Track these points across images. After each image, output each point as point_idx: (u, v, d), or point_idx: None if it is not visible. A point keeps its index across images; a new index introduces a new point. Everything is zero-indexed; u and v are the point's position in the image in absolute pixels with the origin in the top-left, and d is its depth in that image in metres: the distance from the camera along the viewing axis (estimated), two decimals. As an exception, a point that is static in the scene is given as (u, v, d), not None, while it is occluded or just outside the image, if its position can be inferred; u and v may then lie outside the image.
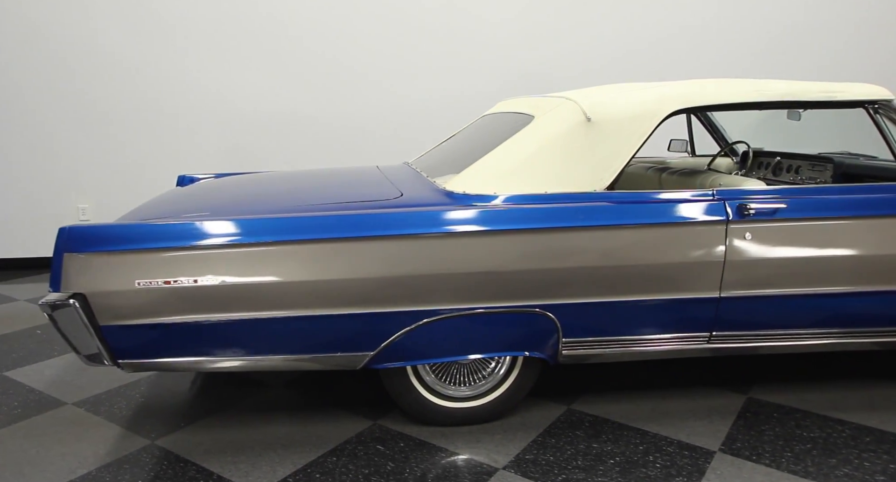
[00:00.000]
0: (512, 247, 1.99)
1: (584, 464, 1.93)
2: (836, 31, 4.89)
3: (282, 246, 1.85)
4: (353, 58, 4.75)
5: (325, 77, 4.76)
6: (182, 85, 4.67)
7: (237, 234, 1.82)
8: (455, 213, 1.98)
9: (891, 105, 2.28)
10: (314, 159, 4.90)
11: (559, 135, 2.16)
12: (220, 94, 4.70)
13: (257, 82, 4.70)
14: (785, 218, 2.09)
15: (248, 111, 4.76)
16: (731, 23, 4.91)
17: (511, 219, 2.00)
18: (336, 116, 4.85)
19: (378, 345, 1.99)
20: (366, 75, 4.78)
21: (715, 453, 1.99)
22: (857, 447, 2.01)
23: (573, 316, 2.09)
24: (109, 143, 4.67)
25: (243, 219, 1.87)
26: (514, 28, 4.80)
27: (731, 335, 2.19)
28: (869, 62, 4.92)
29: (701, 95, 2.21)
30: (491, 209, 2.01)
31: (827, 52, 4.90)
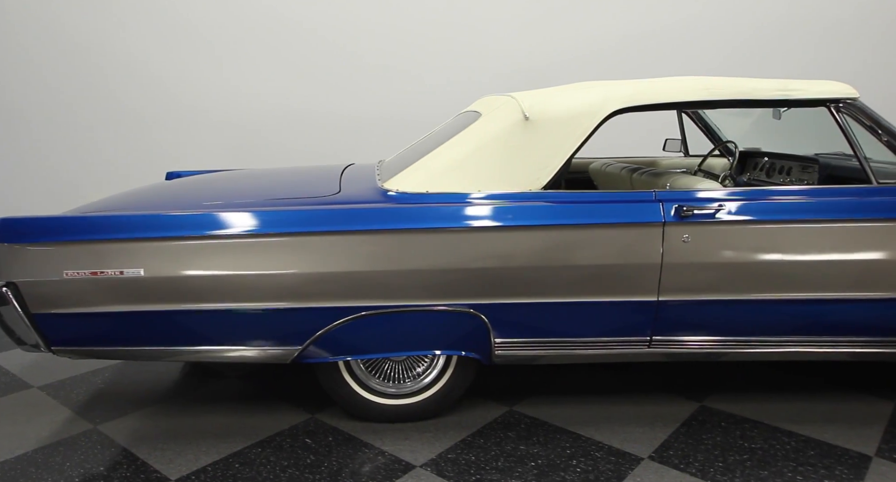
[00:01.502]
0: (439, 245, 1.98)
1: (503, 465, 1.90)
2: (829, 28, 4.69)
3: (204, 240, 1.89)
4: (352, 54, 4.80)
5: (324, 74, 4.82)
6: (182, 83, 4.81)
7: (160, 228, 1.87)
8: (381, 210, 1.99)
9: (855, 104, 2.17)
10: (316, 155, 4.97)
11: (497, 134, 2.14)
12: (222, 91, 4.82)
13: (259, 80, 4.81)
14: (725, 221, 2.01)
15: (250, 109, 4.87)
16: (728, 17, 4.75)
17: (438, 217, 1.99)
18: (334, 113, 4.91)
19: (306, 341, 2.01)
20: (365, 72, 4.83)
21: (643, 460, 1.93)
22: (797, 460, 1.93)
23: (504, 316, 2.07)
24: (103, 142, 4.86)
25: (166, 214, 1.92)
26: (512, 24, 4.78)
27: (672, 340, 2.13)
28: (865, 60, 4.70)
29: (646, 94, 2.15)
30: (418, 207, 2.01)
31: (823, 49, 4.70)
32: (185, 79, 4.79)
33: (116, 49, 4.69)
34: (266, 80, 4.80)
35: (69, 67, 4.69)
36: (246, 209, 1.97)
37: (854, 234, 2.03)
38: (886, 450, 1.97)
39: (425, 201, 2.04)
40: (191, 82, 4.80)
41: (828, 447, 2.00)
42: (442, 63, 4.82)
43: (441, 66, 4.83)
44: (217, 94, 4.82)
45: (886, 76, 4.66)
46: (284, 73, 4.80)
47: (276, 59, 4.78)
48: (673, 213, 2.01)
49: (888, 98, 4.64)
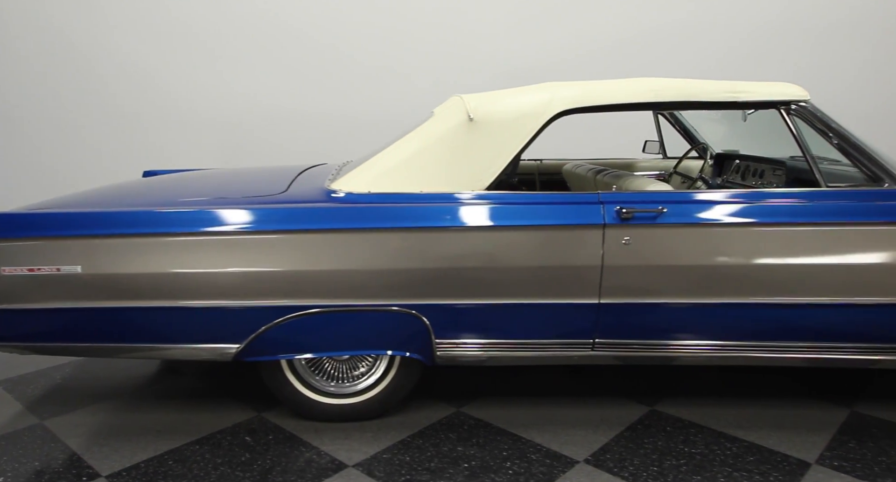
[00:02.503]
0: (377, 246, 1.99)
1: (436, 466, 1.90)
2: (825, 29, 4.63)
3: (140, 238, 1.90)
4: (344, 54, 4.82)
5: (316, 74, 4.84)
6: (174, 82, 4.85)
7: (96, 225, 1.89)
8: (317, 210, 1.99)
9: (806, 106, 2.13)
10: (307, 155, 4.99)
11: (441, 134, 2.14)
12: (215, 91, 4.85)
13: (252, 80, 4.83)
14: (667, 224, 1.99)
15: (243, 109, 4.90)
16: (723, 16, 4.71)
17: (376, 217, 2.00)
18: (326, 113, 4.93)
19: (245, 339, 2.02)
20: (357, 72, 4.84)
21: (578, 463, 1.92)
22: (734, 465, 1.90)
23: (445, 317, 2.06)
24: (92, 141, 4.91)
25: (100, 211, 1.94)
26: (505, 24, 4.76)
27: (616, 343, 2.11)
28: (863, 60, 4.63)
29: (592, 96, 2.13)
30: (356, 207, 2.01)
31: (819, 50, 4.65)
32: (179, 78, 4.83)
33: (110, 50, 4.74)
34: (259, 79, 4.83)
35: (62, 67, 4.75)
36: (184, 207, 1.99)
37: (798, 237, 2.00)
38: (829, 458, 1.94)
39: (365, 201, 2.04)
40: (183, 82, 4.84)
41: (769, 453, 1.98)
42: (434, 63, 4.82)
43: (433, 67, 4.82)
44: (210, 93, 4.86)
45: (884, 76, 4.60)
46: (277, 73, 4.83)
47: (268, 59, 4.80)
48: (614, 216, 2.00)
49: (887, 97, 4.60)
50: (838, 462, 1.91)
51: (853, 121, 4.99)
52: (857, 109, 4.72)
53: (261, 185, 2.35)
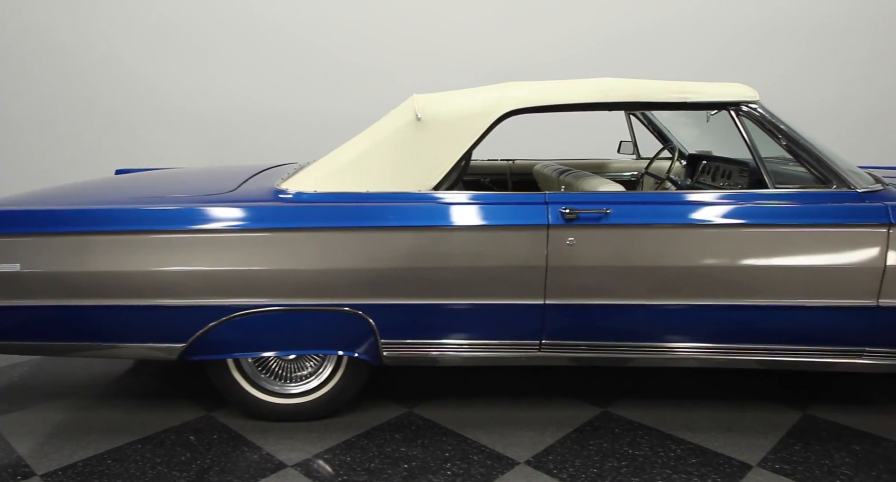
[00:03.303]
0: (320, 245, 1.98)
1: (375, 467, 1.89)
2: (817, 27, 4.61)
3: (80, 236, 1.91)
4: (330, 53, 4.81)
5: (302, 73, 4.82)
6: (162, 81, 4.85)
7: (35, 223, 1.89)
8: (260, 209, 1.99)
9: (756, 108, 2.12)
10: (293, 154, 4.98)
11: (389, 134, 2.14)
12: (202, 89, 4.85)
13: (238, 78, 4.83)
14: (611, 225, 1.98)
15: (229, 107, 4.90)
16: (710, 16, 4.69)
17: (319, 217, 1.99)
18: (314, 113, 4.91)
19: (189, 338, 2.01)
20: (343, 71, 4.83)
21: (518, 464, 1.91)
22: (675, 468, 1.89)
23: (390, 317, 2.05)
24: (78, 139, 4.92)
25: (39, 210, 1.94)
26: (493, 24, 4.75)
27: (563, 344, 2.10)
28: (858, 56, 4.62)
29: (541, 96, 2.13)
30: (300, 207, 2.01)
31: (813, 46, 4.62)
32: (167, 77, 4.82)
33: (95, 48, 4.75)
34: (245, 78, 4.82)
35: (50, 66, 4.75)
36: (126, 205, 1.99)
37: (744, 239, 1.99)
38: (772, 460, 1.93)
39: (310, 201, 2.03)
40: (171, 80, 4.83)
41: (713, 455, 1.96)
42: (421, 63, 4.80)
43: (420, 67, 4.80)
44: (198, 91, 4.85)
45: (879, 73, 4.58)
46: (263, 72, 4.81)
47: (255, 58, 4.79)
48: (558, 217, 1.99)
49: (883, 95, 4.58)
50: (780, 465, 1.90)
51: (849, 119, 4.96)
52: (852, 107, 4.72)
53: (213, 183, 2.34)
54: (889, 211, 1.93)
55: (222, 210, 1.98)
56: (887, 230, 1.93)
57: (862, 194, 2.00)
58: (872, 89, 4.68)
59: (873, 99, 4.67)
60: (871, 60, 4.65)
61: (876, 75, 4.65)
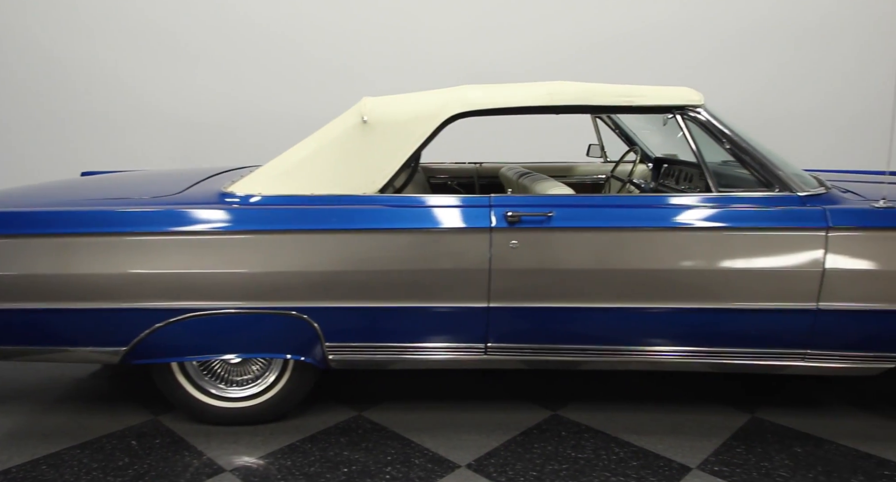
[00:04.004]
0: (263, 248, 1.97)
1: (315, 471, 1.88)
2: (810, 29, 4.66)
3: (21, 238, 1.89)
4: (308, 54, 4.78)
5: (280, 75, 4.80)
6: (131, 84, 4.83)
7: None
8: (202, 212, 1.98)
9: (700, 111, 2.13)
10: (267, 155, 4.98)
11: (335, 136, 2.13)
12: (184, 93, 4.82)
13: (217, 81, 4.80)
14: (554, 228, 1.98)
15: (205, 110, 4.87)
16: (686, 22, 4.71)
17: (262, 220, 1.98)
18: (289, 114, 4.89)
19: (130, 341, 2.00)
20: (321, 72, 4.81)
21: (459, 468, 1.90)
22: (614, 470, 1.89)
23: (334, 320, 2.04)
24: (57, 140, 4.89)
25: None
26: (473, 27, 4.75)
27: (508, 347, 2.10)
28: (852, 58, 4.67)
29: (487, 99, 2.13)
30: (243, 209, 2.00)
31: (805, 47, 4.67)
32: (144, 80, 4.78)
33: (74, 52, 4.71)
34: (222, 80, 4.77)
35: (25, 68, 4.71)
36: (67, 207, 1.98)
37: (686, 241, 2.00)
38: (713, 462, 1.94)
39: (254, 204, 2.03)
40: (149, 83, 4.79)
41: (654, 458, 1.97)
42: (401, 65, 4.79)
43: (403, 70, 4.79)
44: (181, 95, 4.81)
45: (871, 74, 4.62)
46: (241, 74, 4.78)
47: (232, 59, 4.75)
48: (502, 219, 1.99)
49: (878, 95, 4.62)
50: (719, 467, 1.90)
51: (838, 123, 4.94)
52: (843, 111, 4.74)
53: (163, 186, 2.33)
54: (827, 214, 1.95)
55: (164, 213, 1.97)
56: (825, 233, 1.94)
57: (803, 198, 2.02)
58: (861, 93, 4.70)
59: (862, 103, 4.70)
60: (859, 64, 4.67)
61: (865, 79, 4.68)
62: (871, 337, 2.01)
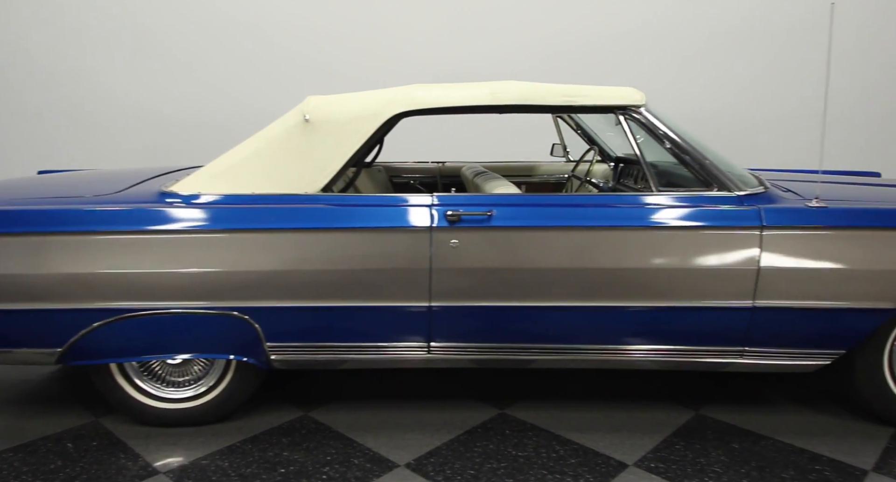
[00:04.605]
0: (201, 247, 1.95)
1: (251, 471, 1.86)
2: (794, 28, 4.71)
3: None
4: (273, 55, 4.76)
5: (255, 75, 4.77)
6: (90, 84, 4.77)
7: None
8: (138, 211, 1.95)
9: (641, 111, 2.14)
10: None
11: (277, 135, 2.12)
12: (130, 94, 4.78)
13: (169, 84, 4.77)
14: (493, 227, 1.98)
15: (161, 112, 4.83)
16: (660, 25, 4.75)
17: (200, 219, 1.96)
18: (264, 114, 4.86)
19: (65, 342, 1.97)
20: (295, 72, 4.78)
21: (397, 467, 1.90)
22: (552, 468, 1.89)
23: (275, 320, 2.03)
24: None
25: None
26: (449, 26, 4.77)
27: (451, 346, 2.10)
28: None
29: (431, 98, 2.13)
30: (181, 209, 1.98)
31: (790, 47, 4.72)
32: (110, 79, 4.73)
33: (30, 50, 4.64)
34: (196, 81, 4.74)
35: None
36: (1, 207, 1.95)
37: (626, 240, 2.01)
38: (650, 459, 1.95)
39: (194, 203, 2.00)
40: (115, 82, 4.74)
41: (594, 455, 1.98)
42: (378, 65, 4.78)
43: (376, 68, 4.78)
44: (152, 94, 4.76)
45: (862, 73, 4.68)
46: (215, 74, 4.74)
47: (201, 59, 4.71)
48: (443, 219, 1.99)
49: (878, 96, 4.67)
50: (656, 464, 1.92)
51: (834, 118, 4.89)
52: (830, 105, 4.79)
53: (105, 185, 2.30)
54: (762, 213, 1.98)
55: (99, 212, 1.95)
56: (760, 232, 1.97)
57: (740, 197, 2.04)
58: (834, 93, 4.75)
59: (836, 103, 4.76)
60: (839, 62, 4.73)
61: (840, 80, 4.73)
62: (806, 334, 2.04)
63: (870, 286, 1.97)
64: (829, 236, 1.97)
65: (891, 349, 2.09)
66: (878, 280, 1.96)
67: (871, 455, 1.97)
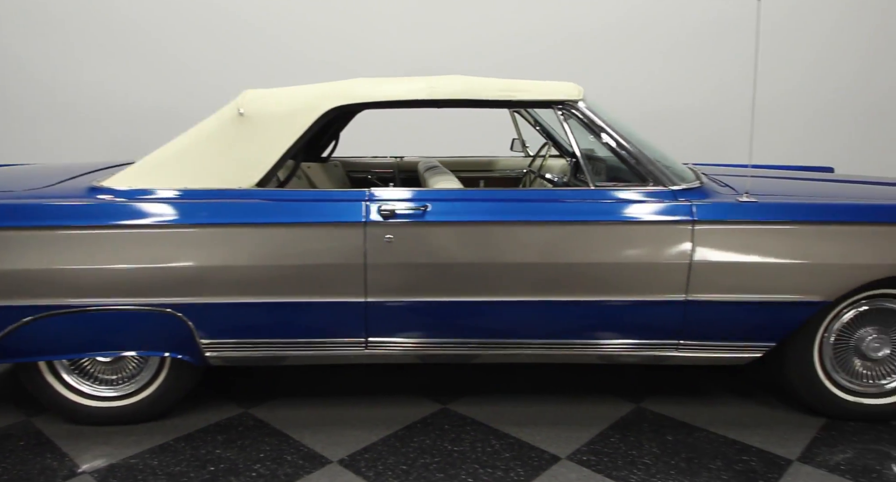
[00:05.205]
0: (130, 242, 1.92)
1: (180, 470, 1.83)
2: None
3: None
4: (223, 55, 4.71)
5: (205, 70, 4.71)
6: (56, 77, 4.67)
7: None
8: (63, 206, 1.92)
9: (578, 106, 2.14)
10: None
11: (211, 129, 2.09)
12: (97, 87, 4.69)
13: (134, 76, 4.69)
14: (429, 222, 1.97)
15: (125, 105, 4.74)
16: (636, 21, 4.76)
17: (128, 214, 1.93)
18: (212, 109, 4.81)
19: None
20: (247, 68, 4.73)
21: (330, 463, 1.89)
22: (485, 462, 1.89)
23: (207, 316, 2.00)
24: None
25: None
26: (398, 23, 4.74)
27: (389, 342, 2.10)
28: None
29: (367, 92, 2.12)
30: (108, 203, 1.94)
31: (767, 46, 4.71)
32: (65, 73, 4.63)
33: None
34: (153, 76, 4.66)
35: None
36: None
37: (562, 235, 2.02)
38: (583, 452, 1.97)
39: (122, 197, 1.97)
40: (68, 76, 4.64)
41: (528, 449, 1.99)
42: (333, 60, 4.74)
43: (332, 63, 4.75)
44: (98, 91, 4.66)
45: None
46: (161, 70, 4.69)
47: (159, 55, 4.64)
48: (377, 214, 1.98)
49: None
50: (588, 456, 1.94)
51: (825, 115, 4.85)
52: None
53: (39, 180, 2.24)
54: (693, 208, 2.00)
55: (28, 206, 1.90)
56: (692, 227, 1.99)
57: (674, 192, 2.06)
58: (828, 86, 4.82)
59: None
60: (817, 60, 4.79)
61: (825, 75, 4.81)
62: (737, 327, 2.07)
63: (798, 279, 2.01)
64: (758, 230, 2.00)
65: (821, 341, 2.14)
66: (807, 273, 2.00)
67: (798, 445, 2.01)
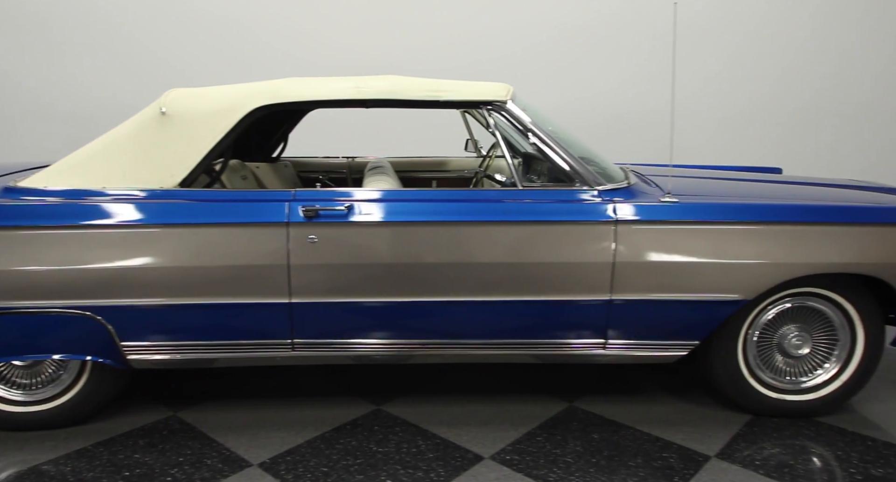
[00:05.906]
0: (45, 243, 1.87)
1: (94, 476, 1.80)
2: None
3: None
4: (173, 55, 4.66)
5: (162, 70, 4.65)
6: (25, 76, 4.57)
7: None
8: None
9: (505, 106, 2.14)
10: None
11: (134, 128, 2.05)
12: (68, 85, 4.60)
13: (116, 76, 4.61)
14: (353, 222, 1.96)
15: (108, 105, 4.65)
16: (604, 25, 4.82)
17: (43, 214, 1.89)
18: None
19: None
20: (206, 68, 4.68)
21: (250, 466, 1.86)
22: (407, 463, 1.89)
23: (127, 319, 1.97)
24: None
25: None
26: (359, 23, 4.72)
27: (316, 343, 2.08)
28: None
29: (293, 92, 2.10)
30: (22, 204, 1.90)
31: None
32: (32, 73, 4.54)
33: None
34: (121, 75, 4.59)
35: None
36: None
37: (487, 235, 2.02)
38: (507, 451, 1.97)
39: (38, 197, 1.93)
40: (35, 76, 4.55)
41: (453, 449, 1.99)
42: (289, 59, 4.70)
43: (291, 63, 4.71)
44: (64, 88, 4.58)
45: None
46: (116, 68, 4.61)
47: (122, 53, 4.56)
48: (299, 214, 1.97)
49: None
50: (511, 455, 1.94)
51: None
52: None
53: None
54: (616, 209, 2.02)
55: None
56: (614, 227, 2.01)
57: (600, 192, 2.08)
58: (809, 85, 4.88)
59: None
60: (801, 59, 4.82)
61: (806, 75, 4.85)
62: (661, 325, 2.10)
63: (716, 278, 2.03)
64: (678, 230, 2.02)
65: (745, 338, 2.18)
66: (724, 272, 2.03)
67: (719, 441, 2.04)
